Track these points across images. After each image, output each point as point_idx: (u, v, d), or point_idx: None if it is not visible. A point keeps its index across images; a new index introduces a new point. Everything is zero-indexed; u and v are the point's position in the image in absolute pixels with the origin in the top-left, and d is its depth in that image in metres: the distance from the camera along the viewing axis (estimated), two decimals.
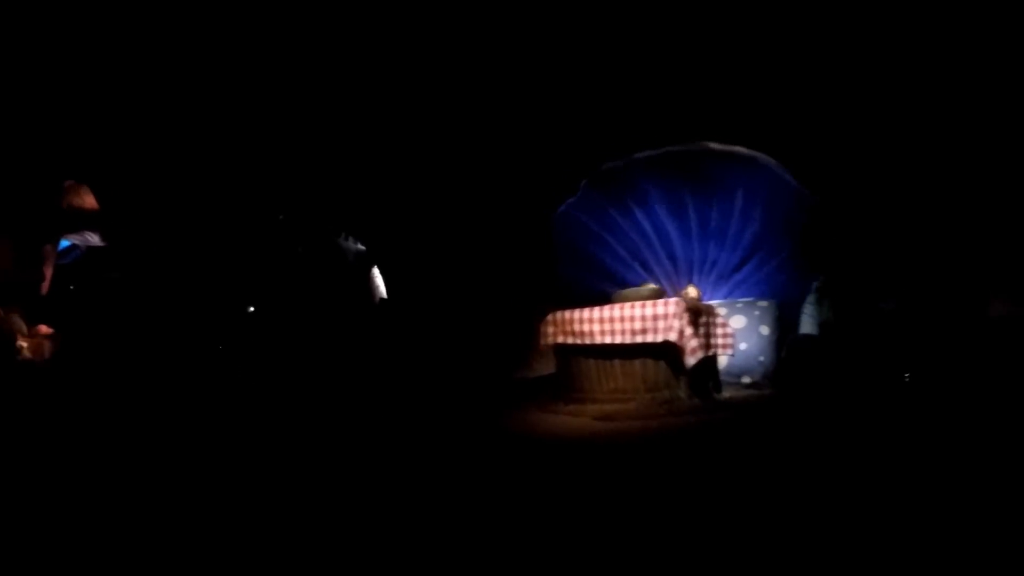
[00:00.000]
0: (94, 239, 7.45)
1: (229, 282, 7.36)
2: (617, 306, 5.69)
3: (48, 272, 7.42)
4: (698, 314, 5.85)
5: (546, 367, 6.18)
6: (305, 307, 7.00)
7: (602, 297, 5.94)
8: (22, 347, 6.54)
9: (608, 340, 5.51)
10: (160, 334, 7.38)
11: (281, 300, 7.16)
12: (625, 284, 6.17)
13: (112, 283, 7.60)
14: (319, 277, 7.19)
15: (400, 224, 7.34)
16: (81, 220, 6.95)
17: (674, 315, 5.42)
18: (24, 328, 6.69)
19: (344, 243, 7.33)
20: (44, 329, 7.23)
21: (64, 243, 7.56)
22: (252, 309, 7.10)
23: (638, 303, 5.60)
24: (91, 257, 7.59)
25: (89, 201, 6.89)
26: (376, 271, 7.17)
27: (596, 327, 5.63)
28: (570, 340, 5.76)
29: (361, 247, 7.33)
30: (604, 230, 6.39)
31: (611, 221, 6.44)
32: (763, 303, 6.68)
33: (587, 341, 5.72)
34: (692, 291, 6.67)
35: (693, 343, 5.48)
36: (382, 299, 7.11)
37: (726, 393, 6.08)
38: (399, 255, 7.33)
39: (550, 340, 5.86)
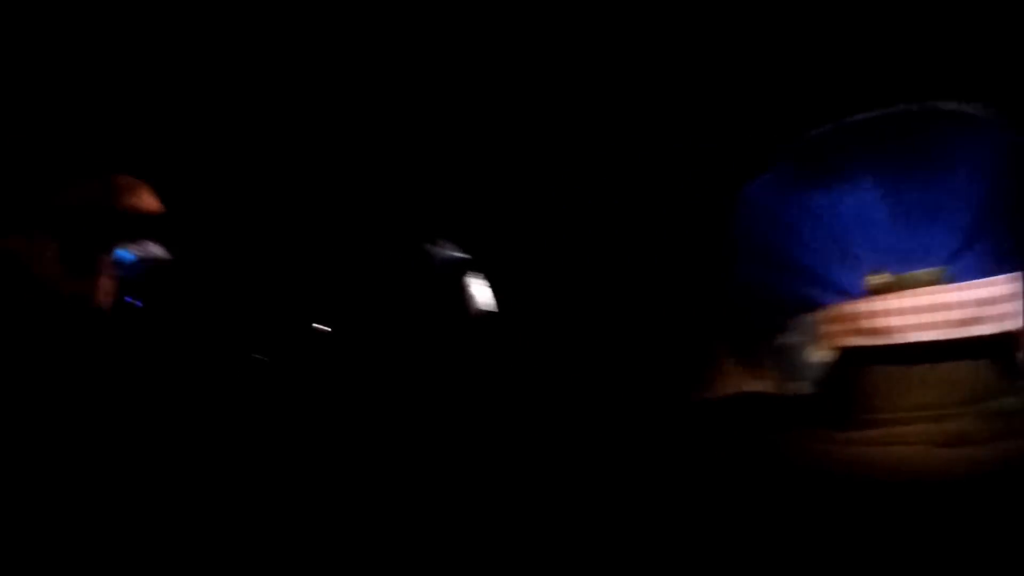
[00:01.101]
0: (155, 250, 6.81)
1: (298, 296, 6.59)
2: (926, 291, 4.36)
3: (104, 284, 6.79)
4: None
5: (732, 385, 4.99)
6: (373, 325, 6.12)
7: (799, 303, 4.66)
8: None
9: (918, 337, 4.12)
10: (222, 354, 6.63)
11: (349, 317, 6.31)
12: (830, 286, 4.96)
13: (176, 297, 6.94)
14: (389, 290, 6.31)
15: (518, 220, 6.26)
16: (138, 225, 6.31)
17: (1014, 296, 4.07)
18: None
19: (433, 248, 6.41)
20: None
21: (125, 254, 6.96)
22: (319, 327, 6.29)
23: (959, 285, 4.24)
24: (154, 270, 6.96)
25: (148, 202, 6.25)
26: (476, 280, 6.19)
27: (901, 320, 4.23)
28: (859, 341, 4.36)
29: (456, 253, 6.40)
30: (803, 218, 5.37)
31: (813, 205, 5.39)
32: None
33: (886, 340, 4.37)
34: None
35: None
36: (485, 313, 6.11)
37: None
38: (516, 257, 6.26)
39: (839, 341, 4.46)
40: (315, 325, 6.29)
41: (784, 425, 3.00)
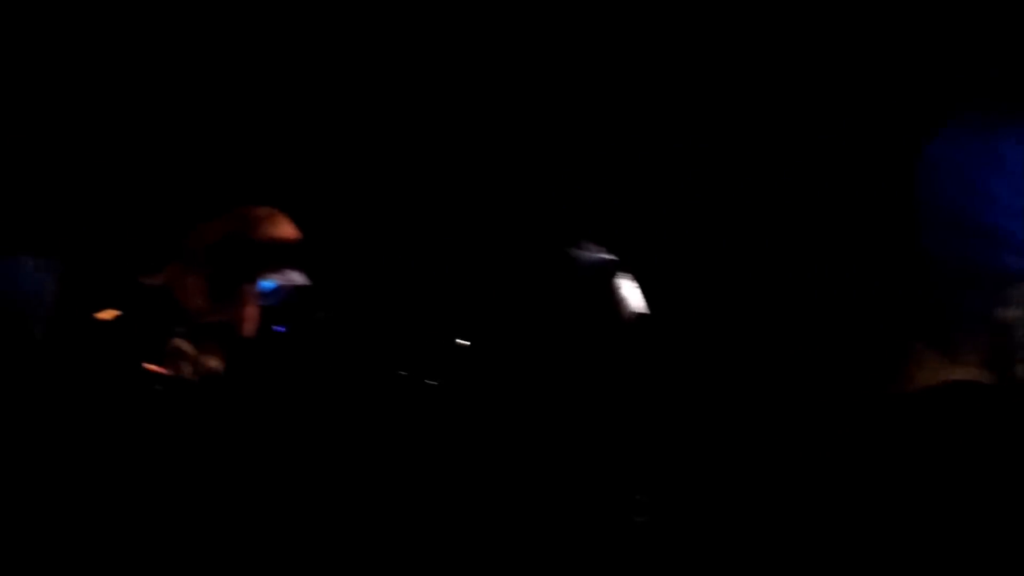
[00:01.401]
0: (297, 277, 6.79)
1: (441, 312, 6.41)
2: None
3: (250, 313, 6.83)
4: None
5: (931, 376, 4.43)
6: (520, 337, 5.86)
7: (1001, 273, 3.98)
8: None
9: None
10: (367, 376, 6.53)
11: (494, 329, 6.09)
12: None
13: (319, 324, 6.90)
14: (534, 299, 6.04)
15: (666, 215, 5.84)
16: (279, 254, 6.30)
17: None
18: (219, 367, 6.06)
19: (577, 252, 6.11)
20: None
21: (267, 284, 6.98)
22: (463, 342, 6.10)
23: None
24: (297, 296, 6.95)
25: (287, 231, 6.23)
26: (626, 282, 5.85)
27: None
28: None
29: (604, 255, 6.07)
30: (995, 175, 4.77)
31: (1007, 160, 4.78)
32: None
33: None
34: None
35: None
36: (637, 315, 5.77)
37: None
38: (666, 256, 5.85)
39: None
40: (458, 341, 6.11)
41: (1003, 418, 2.49)
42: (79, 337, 5.19)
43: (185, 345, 5.77)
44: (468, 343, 6.20)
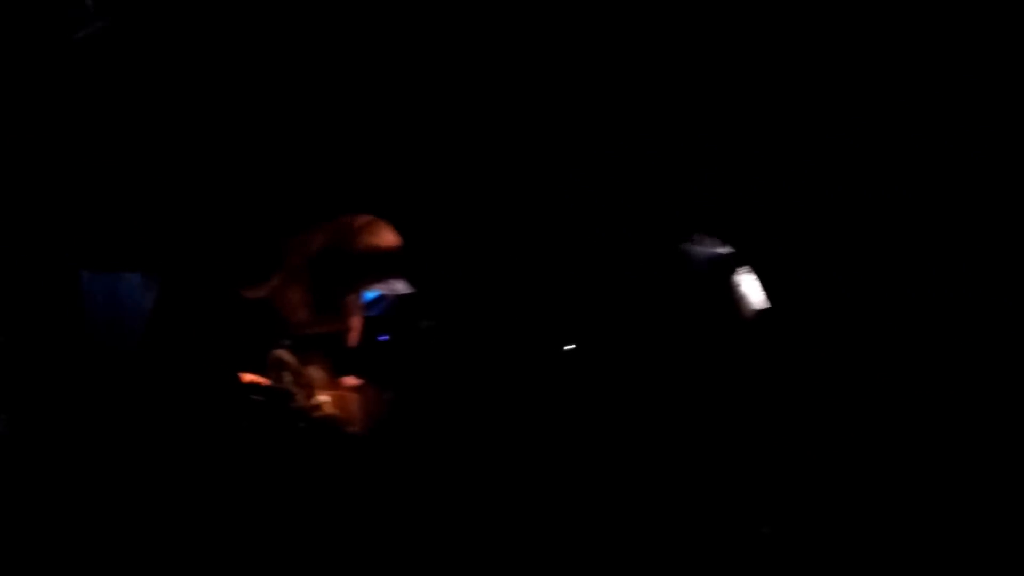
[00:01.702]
0: (400, 286, 6.64)
1: (549, 316, 6.13)
2: None
3: (355, 323, 6.72)
4: None
5: None
6: (638, 337, 5.51)
7: None
8: (320, 402, 5.75)
9: None
10: (472, 385, 6.30)
11: (605, 332, 5.76)
12: None
13: (423, 332, 6.73)
14: (650, 299, 5.68)
15: (787, 206, 5.37)
16: (381, 263, 6.15)
17: None
18: (325, 381, 5.93)
19: (692, 246, 5.73)
20: (350, 381, 6.47)
21: (370, 295, 6.85)
22: (570, 347, 5.81)
23: None
24: (400, 306, 6.80)
25: (388, 239, 6.08)
26: (747, 276, 5.44)
27: None
28: None
29: (722, 249, 5.65)
30: None
31: None
32: None
33: None
34: None
35: None
36: (758, 314, 5.37)
37: None
38: (788, 250, 5.37)
39: None
40: (566, 347, 5.80)
41: None
42: (179, 350, 5.15)
43: (287, 356, 5.64)
44: (575, 347, 5.86)
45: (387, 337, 7.37)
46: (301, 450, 5.19)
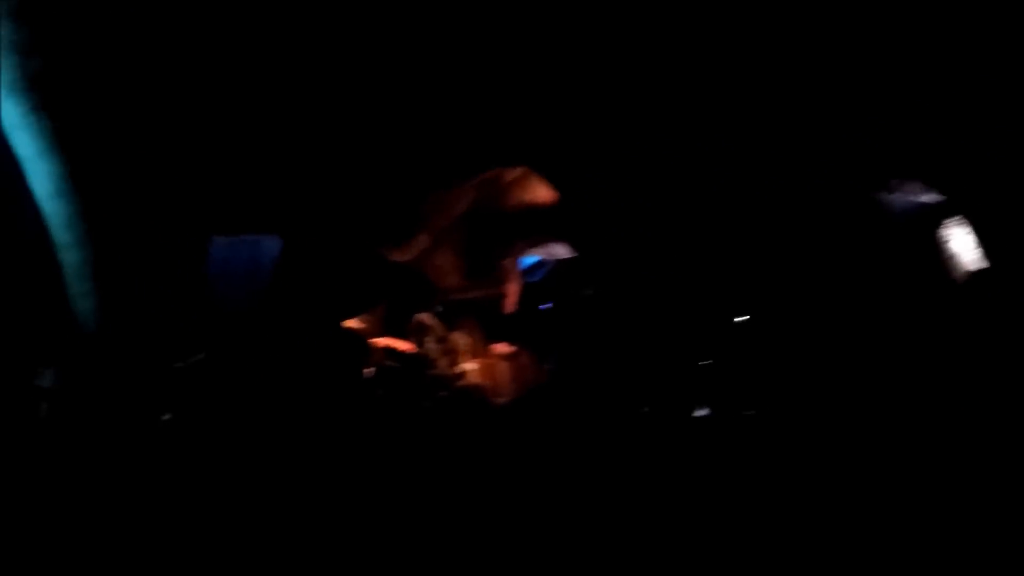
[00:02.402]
0: (560, 250, 6.14)
1: (721, 284, 5.44)
2: None
3: (512, 289, 6.30)
4: None
5: None
6: (820, 302, 4.72)
7: None
8: (465, 371, 5.36)
9: None
10: (645, 356, 5.72)
11: (778, 300, 5.01)
12: None
13: (587, 301, 6.22)
14: (833, 256, 4.83)
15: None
16: (537, 222, 5.67)
17: None
18: (472, 347, 5.55)
19: (890, 196, 4.84)
20: (501, 348, 6.06)
21: (528, 260, 6.40)
22: (742, 318, 5.10)
23: None
24: (561, 271, 6.31)
25: (543, 194, 5.60)
26: (958, 230, 4.51)
27: None
28: None
29: (928, 198, 4.73)
30: None
31: None
32: None
33: None
34: None
35: None
36: (971, 272, 4.45)
37: None
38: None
39: None
40: (737, 318, 5.09)
41: None
42: (300, 313, 4.91)
43: (431, 320, 5.26)
44: (747, 319, 5.13)
45: (549, 305, 6.92)
46: (436, 422, 4.85)
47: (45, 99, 3.80)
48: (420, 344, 5.30)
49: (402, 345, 5.17)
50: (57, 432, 3.53)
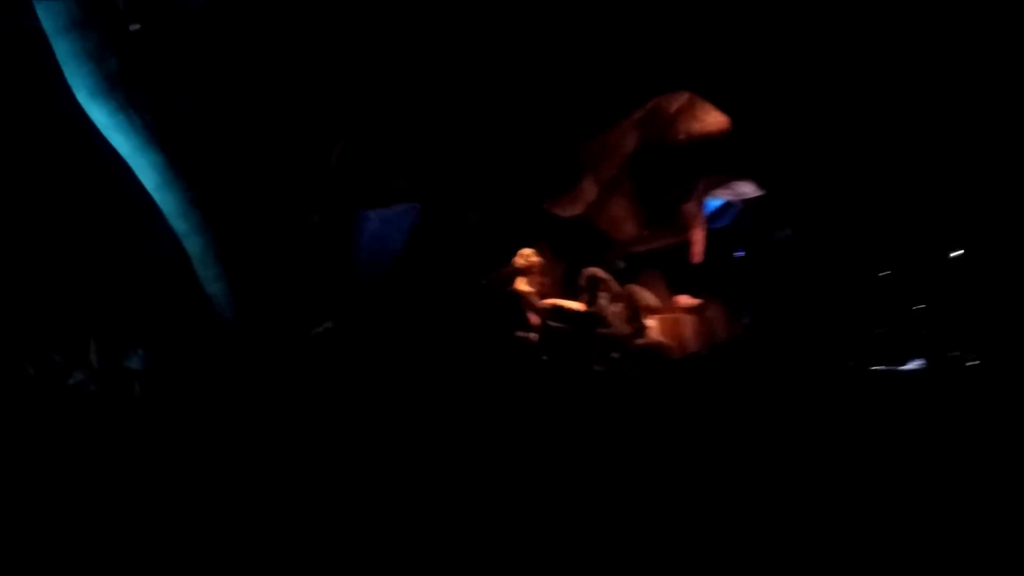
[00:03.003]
0: (747, 188, 5.47)
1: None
2: None
3: (698, 236, 5.69)
4: None
5: None
6: None
7: None
8: (646, 327, 4.86)
9: None
10: (850, 305, 4.98)
11: None
12: None
13: (782, 244, 5.50)
14: None
15: None
16: (715, 155, 5.05)
17: None
18: (654, 301, 5.02)
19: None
20: (685, 300, 5.47)
21: (714, 202, 5.76)
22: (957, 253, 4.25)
23: None
24: (752, 213, 5.62)
25: (713, 121, 4.97)
26: None
27: None
28: None
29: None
30: None
31: None
32: None
33: None
34: None
35: None
36: None
37: None
38: None
39: None
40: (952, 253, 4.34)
41: None
42: (440, 273, 4.63)
43: (604, 274, 4.82)
44: (962, 253, 4.47)
45: (742, 252, 6.23)
46: (609, 388, 4.40)
47: (128, 97, 3.84)
48: (592, 302, 4.86)
49: (571, 304, 4.76)
50: (162, 412, 3.50)
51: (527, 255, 5.52)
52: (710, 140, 5.14)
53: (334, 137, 4.64)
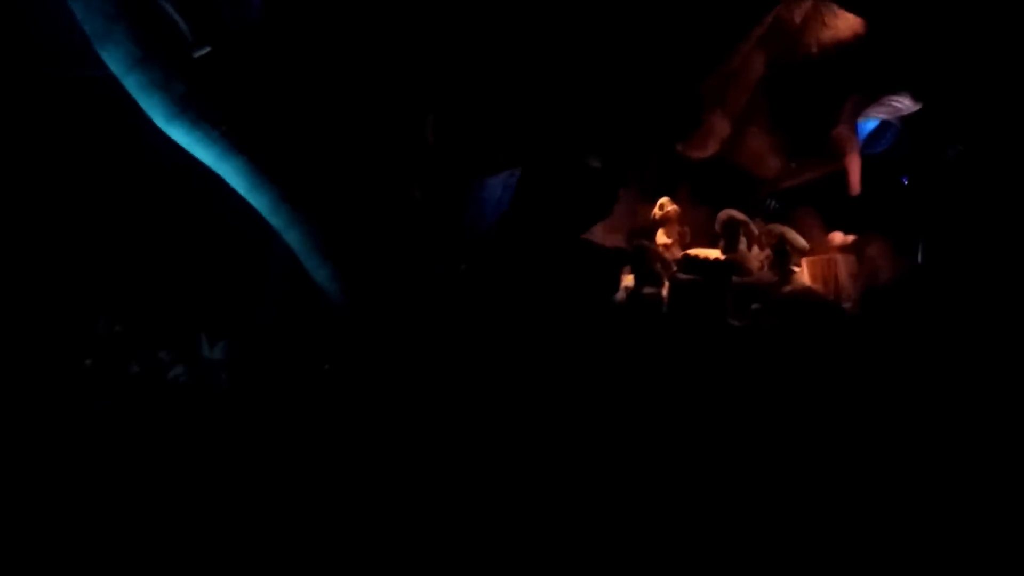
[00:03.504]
0: (904, 103, 4.79)
1: None
2: None
3: (853, 164, 5.06)
4: None
5: None
6: None
7: None
8: (791, 272, 4.35)
9: None
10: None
11: None
12: None
13: (951, 164, 4.78)
14: None
15: None
16: (844, 63, 4.44)
17: None
18: (802, 242, 4.50)
19: None
20: (839, 238, 4.87)
21: (865, 124, 5.10)
22: None
23: None
24: (913, 132, 4.91)
25: (845, 26, 4.36)
26: None
27: None
28: None
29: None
30: None
31: None
32: None
33: None
34: None
35: None
36: None
37: None
38: None
39: None
40: None
41: None
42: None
43: (740, 216, 4.38)
44: None
45: (907, 178, 5.51)
46: (750, 345, 3.94)
47: (199, 114, 4.14)
48: (731, 248, 4.40)
49: (706, 252, 4.33)
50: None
51: (664, 204, 5.13)
52: (846, 48, 4.52)
53: (424, 111, 4.53)
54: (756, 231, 4.60)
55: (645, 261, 4.32)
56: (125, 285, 4.65)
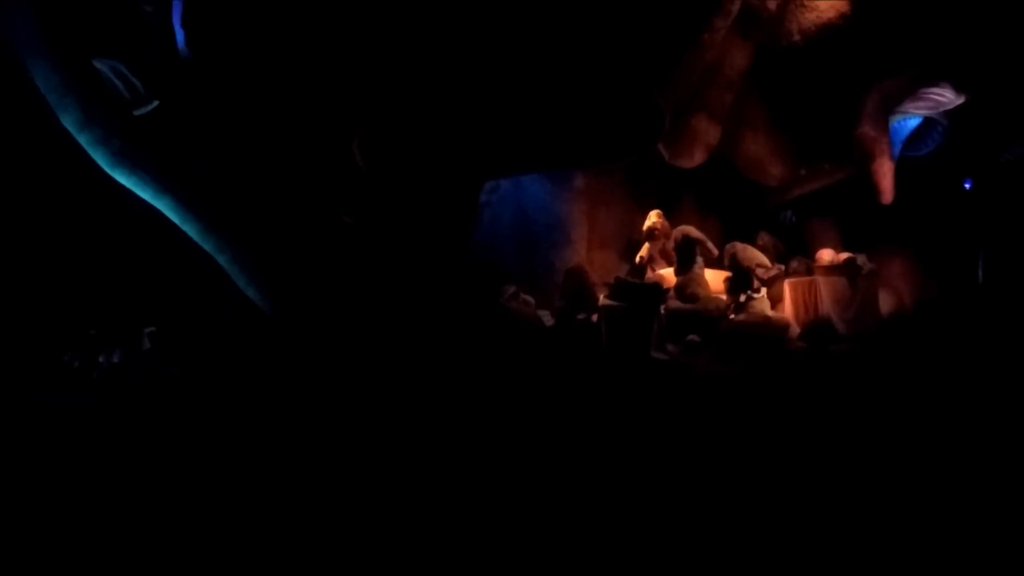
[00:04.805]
0: (945, 95, 3.93)
1: None
2: None
3: (883, 168, 4.24)
4: None
5: None
6: None
7: None
8: (751, 297, 3.77)
9: None
10: None
11: None
12: None
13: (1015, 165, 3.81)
14: None
15: None
16: (832, 49, 3.77)
17: None
18: (764, 260, 3.90)
19: None
20: (825, 257, 4.10)
21: (905, 123, 4.22)
22: None
23: None
24: (963, 128, 3.97)
25: (827, 6, 3.68)
26: None
27: None
28: None
29: None
30: None
31: None
32: None
33: None
34: None
35: None
36: None
37: None
38: None
39: None
40: None
41: None
42: None
43: (695, 234, 4.06)
44: None
45: (969, 183, 4.46)
46: (666, 383, 3.48)
47: (133, 163, 4.79)
48: (686, 269, 3.91)
49: (668, 273, 3.90)
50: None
51: (652, 217, 4.69)
52: (834, 31, 3.77)
53: (348, 133, 4.58)
54: (715, 251, 4.05)
55: (576, 286, 3.99)
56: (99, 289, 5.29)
